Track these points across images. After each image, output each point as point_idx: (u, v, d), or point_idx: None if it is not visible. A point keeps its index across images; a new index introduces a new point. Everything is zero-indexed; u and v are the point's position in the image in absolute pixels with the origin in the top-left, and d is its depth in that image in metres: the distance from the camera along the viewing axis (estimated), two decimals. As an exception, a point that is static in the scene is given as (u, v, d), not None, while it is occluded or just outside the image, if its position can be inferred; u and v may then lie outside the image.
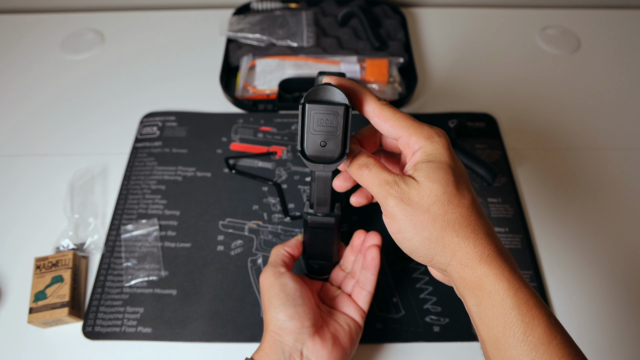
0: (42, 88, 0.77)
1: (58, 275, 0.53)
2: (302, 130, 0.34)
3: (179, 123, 0.70)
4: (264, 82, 0.74)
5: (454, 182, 0.32)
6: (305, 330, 0.41)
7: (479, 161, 0.63)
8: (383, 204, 0.33)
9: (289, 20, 0.81)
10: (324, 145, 0.34)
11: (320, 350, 0.41)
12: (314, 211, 0.44)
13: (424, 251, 0.33)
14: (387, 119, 0.34)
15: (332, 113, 0.34)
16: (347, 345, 0.43)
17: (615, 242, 0.60)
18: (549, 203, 0.63)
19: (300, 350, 0.41)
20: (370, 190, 0.34)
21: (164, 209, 0.61)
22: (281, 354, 0.40)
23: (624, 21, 0.89)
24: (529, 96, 0.76)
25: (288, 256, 0.47)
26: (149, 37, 0.85)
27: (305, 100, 0.33)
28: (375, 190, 0.34)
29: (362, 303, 0.47)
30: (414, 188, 0.32)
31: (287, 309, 0.41)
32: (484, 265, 0.31)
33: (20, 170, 0.66)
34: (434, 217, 0.32)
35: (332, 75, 0.36)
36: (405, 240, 0.33)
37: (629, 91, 0.77)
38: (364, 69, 0.75)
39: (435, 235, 0.32)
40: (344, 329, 0.44)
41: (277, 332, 0.41)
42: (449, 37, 0.86)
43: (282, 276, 0.44)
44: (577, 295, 0.55)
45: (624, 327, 0.53)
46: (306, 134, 0.34)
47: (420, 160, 0.33)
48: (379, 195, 0.33)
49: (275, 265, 0.46)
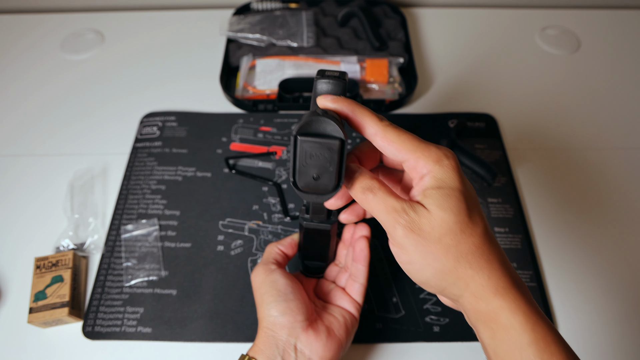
0: (42, 88, 0.77)
1: (58, 275, 0.53)
2: (294, 162, 0.32)
3: (179, 123, 0.70)
4: (264, 82, 0.74)
5: (466, 209, 0.31)
6: (298, 325, 0.41)
7: (479, 161, 0.63)
8: (391, 232, 0.32)
9: (289, 20, 0.81)
10: (316, 178, 0.33)
11: (314, 342, 0.41)
12: (309, 217, 0.44)
13: (436, 283, 0.32)
14: (392, 141, 0.32)
15: (326, 147, 0.31)
16: (342, 336, 0.43)
17: (616, 241, 0.60)
18: (549, 203, 0.63)
19: (294, 344, 0.41)
20: (375, 216, 0.33)
21: (164, 209, 0.61)
22: (275, 349, 0.40)
23: (624, 21, 0.89)
24: (529, 96, 0.76)
25: (281, 254, 0.47)
26: (149, 37, 0.85)
27: (297, 133, 0.31)
28: (381, 216, 0.32)
29: (356, 295, 0.47)
30: (425, 217, 0.31)
31: (278, 304, 0.42)
32: (499, 298, 0.30)
33: (20, 170, 0.66)
34: (447, 248, 0.30)
35: (327, 95, 0.34)
36: (415, 271, 0.32)
37: (629, 91, 0.77)
38: (364, 69, 0.75)
39: (448, 267, 0.31)
40: (338, 321, 0.44)
41: (270, 328, 0.41)
42: (449, 37, 0.86)
43: (273, 273, 0.44)
44: (578, 295, 0.55)
45: (625, 327, 0.53)
46: (298, 166, 0.32)
47: (430, 186, 0.31)
48: (386, 223, 0.32)
49: (267, 263, 0.46)
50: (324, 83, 0.35)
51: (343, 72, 0.36)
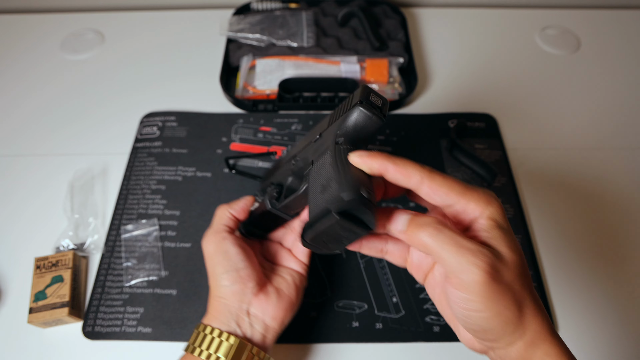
0: (42, 88, 0.77)
1: (58, 275, 0.53)
2: (315, 226, 0.32)
3: (179, 123, 0.70)
4: (264, 82, 0.74)
5: (520, 247, 0.30)
6: (249, 291, 0.42)
7: (479, 161, 0.63)
8: (462, 275, 0.29)
9: (289, 20, 0.81)
10: (326, 242, 0.33)
11: (265, 305, 0.43)
12: (278, 208, 0.44)
13: (497, 333, 0.30)
14: (440, 186, 0.31)
15: (353, 233, 0.31)
16: (292, 295, 0.45)
17: (615, 241, 0.60)
18: (549, 203, 0.63)
19: (246, 309, 0.42)
20: (438, 255, 0.30)
21: (164, 209, 0.61)
22: (228, 315, 0.42)
23: (624, 21, 0.89)
24: (529, 96, 0.76)
25: (233, 219, 0.46)
26: (149, 37, 0.85)
27: (334, 211, 0.30)
28: (449, 257, 0.29)
29: (302, 256, 0.48)
30: (501, 260, 0.29)
31: (230, 275, 0.42)
32: (547, 344, 0.30)
33: (20, 170, 0.66)
34: (516, 295, 0.29)
35: (362, 152, 0.33)
36: (482, 319, 0.29)
37: (629, 91, 0.77)
38: (364, 69, 0.75)
39: (516, 316, 0.29)
40: (287, 281, 0.45)
41: (222, 297, 0.42)
42: (449, 37, 0.86)
43: (224, 242, 0.44)
44: (578, 295, 0.55)
45: (625, 325, 0.53)
46: (316, 231, 0.32)
47: (491, 227, 0.31)
48: (456, 265, 0.29)
49: (219, 231, 0.45)
50: (363, 113, 0.33)
51: (385, 102, 0.34)
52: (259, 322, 0.42)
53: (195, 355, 0.40)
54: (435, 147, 0.68)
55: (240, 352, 0.40)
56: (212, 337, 0.40)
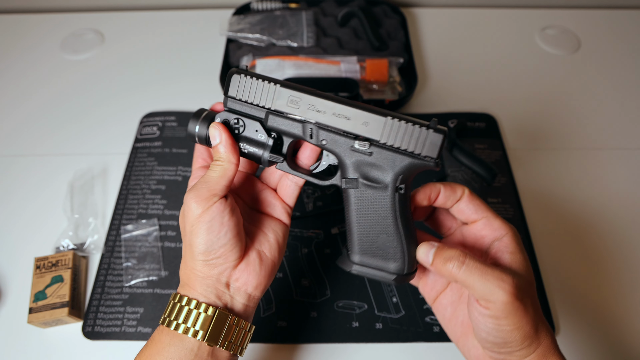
0: (42, 88, 0.77)
1: (58, 275, 0.53)
2: (366, 269, 0.38)
3: (179, 123, 0.70)
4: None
5: (531, 267, 0.36)
6: (230, 264, 0.38)
7: (479, 161, 0.63)
8: (489, 297, 0.33)
9: (289, 20, 0.81)
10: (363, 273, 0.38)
11: (247, 275, 0.38)
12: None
13: (517, 345, 0.33)
14: (476, 199, 0.38)
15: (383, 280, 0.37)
16: (275, 257, 0.41)
17: (615, 240, 0.60)
18: (549, 203, 0.63)
19: (226, 282, 0.38)
20: (468, 284, 0.34)
21: (164, 209, 0.61)
22: (206, 287, 0.38)
23: (624, 21, 0.89)
24: (529, 96, 0.76)
25: (233, 176, 0.38)
26: (149, 37, 0.85)
27: (392, 282, 0.37)
28: (477, 285, 0.33)
29: (289, 198, 0.42)
30: (522, 281, 0.34)
31: (210, 252, 0.37)
32: (555, 356, 0.35)
33: (20, 170, 0.66)
34: (533, 311, 0.34)
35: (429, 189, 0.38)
36: (505, 332, 0.33)
37: (629, 91, 0.77)
38: (364, 69, 0.75)
39: (534, 330, 0.33)
40: (269, 242, 0.40)
41: (200, 270, 0.38)
42: (449, 37, 0.86)
43: (220, 214, 0.36)
44: (577, 295, 0.55)
45: (624, 326, 0.53)
46: (365, 272, 0.38)
47: (514, 249, 0.36)
48: (484, 290, 0.33)
49: (215, 193, 0.36)
50: (434, 164, 0.36)
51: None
52: (240, 293, 0.39)
53: (171, 329, 0.36)
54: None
55: (221, 325, 0.37)
56: (189, 309, 0.37)
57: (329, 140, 0.36)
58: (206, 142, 0.39)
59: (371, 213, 0.36)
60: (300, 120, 0.37)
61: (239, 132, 0.38)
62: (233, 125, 0.38)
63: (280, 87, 0.37)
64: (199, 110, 0.39)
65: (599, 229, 0.61)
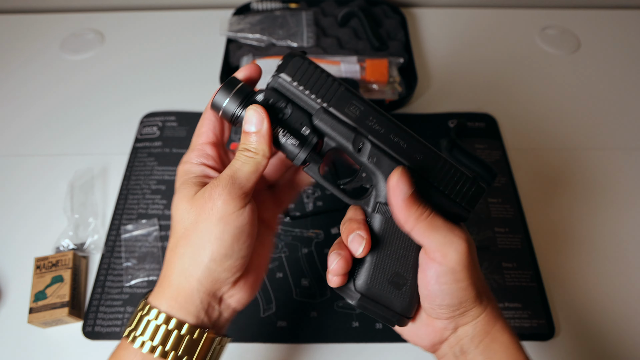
0: (41, 88, 0.77)
1: (58, 275, 0.53)
2: (372, 307, 0.35)
3: (179, 123, 0.70)
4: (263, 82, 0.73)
5: None
6: (234, 279, 0.33)
7: (479, 161, 0.63)
8: (447, 250, 0.32)
9: (289, 20, 0.81)
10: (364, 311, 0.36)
11: (242, 293, 0.34)
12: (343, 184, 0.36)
13: (471, 303, 0.33)
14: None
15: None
16: (265, 269, 0.37)
17: (615, 241, 0.60)
18: (549, 203, 0.63)
19: (221, 296, 0.34)
20: (425, 235, 0.32)
21: (164, 209, 0.61)
22: (198, 303, 0.32)
23: (624, 21, 0.89)
24: (529, 96, 0.76)
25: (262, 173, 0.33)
26: (149, 37, 0.85)
27: (395, 323, 0.36)
28: (437, 236, 0.32)
29: (287, 200, 0.39)
30: (470, 239, 0.34)
31: (231, 261, 0.32)
32: (500, 321, 0.35)
33: (20, 170, 0.66)
34: (478, 271, 0.34)
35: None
36: (461, 290, 0.33)
37: (629, 91, 0.77)
38: (364, 69, 0.75)
39: (483, 289, 0.34)
40: (266, 255, 0.37)
41: (200, 279, 0.32)
42: (449, 37, 0.86)
43: (254, 221, 0.32)
44: (577, 295, 0.55)
45: (623, 326, 0.53)
46: (369, 310, 0.36)
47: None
48: (443, 242, 0.32)
49: (247, 192, 0.32)
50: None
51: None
52: (229, 310, 0.34)
53: (135, 348, 0.31)
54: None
55: (196, 344, 0.31)
56: (157, 325, 0.31)
57: (375, 160, 0.34)
58: (231, 120, 0.33)
59: (394, 244, 0.35)
60: (356, 130, 0.34)
61: (282, 117, 0.34)
62: (278, 107, 0.34)
63: (343, 89, 0.34)
64: (231, 80, 0.34)
65: (599, 229, 0.61)
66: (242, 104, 0.33)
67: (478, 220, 0.60)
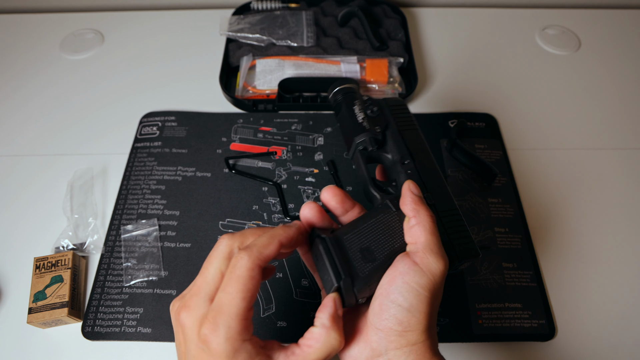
0: (42, 88, 0.77)
1: (58, 276, 0.53)
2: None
3: (178, 123, 0.70)
4: (263, 82, 0.74)
5: None
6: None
7: (479, 161, 0.63)
8: (428, 260, 0.32)
9: (289, 20, 0.81)
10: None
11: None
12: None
13: (420, 327, 0.32)
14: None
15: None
16: None
17: (615, 242, 0.60)
18: (549, 203, 0.63)
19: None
20: (422, 237, 0.33)
21: (163, 209, 0.61)
22: None
23: (624, 21, 0.89)
24: (529, 96, 0.76)
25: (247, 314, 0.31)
26: (149, 37, 0.85)
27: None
28: (427, 236, 0.33)
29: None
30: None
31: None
32: (437, 356, 0.33)
33: (21, 171, 0.66)
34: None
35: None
36: (418, 310, 0.32)
37: (629, 91, 0.77)
38: (364, 69, 0.75)
39: (434, 320, 0.33)
40: None
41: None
42: (449, 37, 0.86)
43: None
44: (577, 295, 0.55)
45: (624, 326, 0.53)
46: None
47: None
48: (431, 249, 0.33)
49: (237, 338, 0.30)
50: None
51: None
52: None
53: None
54: (436, 147, 0.67)
55: None
56: None
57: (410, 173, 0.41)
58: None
59: (384, 231, 0.36)
60: (410, 154, 0.42)
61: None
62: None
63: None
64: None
65: (599, 229, 0.61)
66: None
67: (478, 220, 0.60)
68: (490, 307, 0.53)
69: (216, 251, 0.32)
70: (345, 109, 0.47)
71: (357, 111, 0.46)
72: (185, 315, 0.31)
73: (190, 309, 0.31)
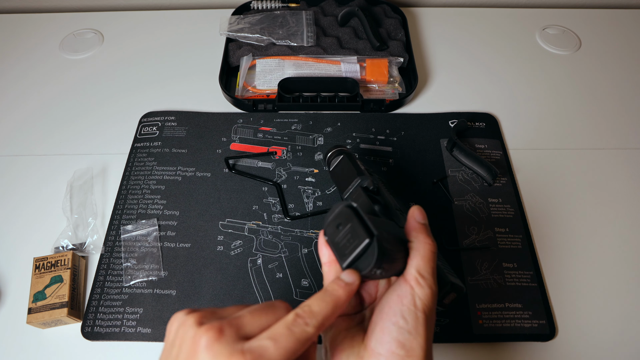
0: (41, 88, 0.77)
1: (57, 276, 0.52)
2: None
3: (178, 123, 0.70)
4: (263, 82, 0.74)
5: None
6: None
7: (479, 161, 0.63)
8: (420, 289, 0.33)
9: (289, 20, 0.81)
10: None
11: None
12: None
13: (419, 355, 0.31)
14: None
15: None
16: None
17: (615, 242, 0.59)
18: (549, 203, 0.63)
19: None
20: (420, 264, 0.34)
21: (163, 209, 0.61)
22: None
23: (624, 21, 0.89)
24: (530, 96, 0.76)
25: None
26: (149, 37, 0.85)
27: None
28: (427, 266, 0.34)
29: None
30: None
31: None
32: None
33: (20, 170, 0.66)
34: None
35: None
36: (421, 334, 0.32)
37: (629, 91, 0.77)
38: (364, 68, 0.75)
39: (430, 354, 0.33)
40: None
41: None
42: (450, 37, 0.85)
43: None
44: (577, 295, 0.55)
45: (624, 326, 0.53)
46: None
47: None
48: (422, 267, 0.33)
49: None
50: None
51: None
52: None
53: None
54: (436, 146, 0.67)
55: None
56: None
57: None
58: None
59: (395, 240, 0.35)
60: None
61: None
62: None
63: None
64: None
65: (599, 229, 0.61)
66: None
67: (478, 220, 0.60)
68: (491, 308, 0.53)
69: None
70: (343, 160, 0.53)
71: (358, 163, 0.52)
72: (213, 342, 0.27)
73: (224, 338, 0.27)
